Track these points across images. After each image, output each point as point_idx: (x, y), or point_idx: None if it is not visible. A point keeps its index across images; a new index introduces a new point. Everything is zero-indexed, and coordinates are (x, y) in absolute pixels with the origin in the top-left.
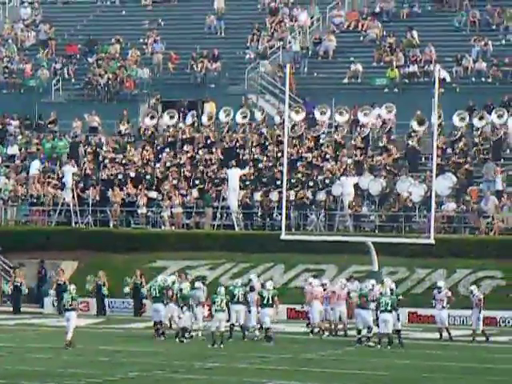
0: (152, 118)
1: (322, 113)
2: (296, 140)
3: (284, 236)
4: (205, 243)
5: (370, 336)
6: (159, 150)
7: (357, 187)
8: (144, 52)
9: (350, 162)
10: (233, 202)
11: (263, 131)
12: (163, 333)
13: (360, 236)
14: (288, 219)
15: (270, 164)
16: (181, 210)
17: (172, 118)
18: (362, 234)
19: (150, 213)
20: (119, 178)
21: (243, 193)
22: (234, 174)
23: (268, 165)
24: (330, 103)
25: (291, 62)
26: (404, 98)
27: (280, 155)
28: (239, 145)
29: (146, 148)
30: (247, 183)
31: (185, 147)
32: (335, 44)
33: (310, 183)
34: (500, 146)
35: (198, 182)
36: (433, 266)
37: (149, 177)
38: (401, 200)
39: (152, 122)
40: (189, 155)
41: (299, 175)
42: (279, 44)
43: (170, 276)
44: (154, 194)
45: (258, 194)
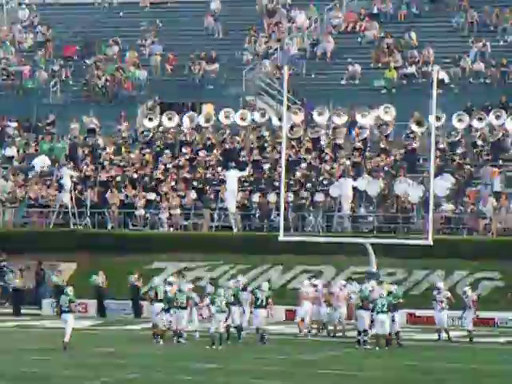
0: (150, 120)
1: (320, 114)
2: (294, 141)
3: (282, 237)
4: (203, 245)
5: (367, 339)
6: (157, 151)
7: (355, 188)
8: (142, 53)
9: (348, 164)
10: (231, 204)
11: (262, 133)
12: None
13: (358, 237)
14: (286, 220)
15: (269, 166)
16: (179, 212)
17: (170, 119)
18: (360, 235)
19: (148, 214)
20: (117, 179)
21: (241, 194)
22: (233, 175)
23: (266, 166)
24: (328, 104)
25: (289, 64)
26: (402, 99)
27: (278, 157)
28: (238, 147)
29: (144, 150)
30: (245, 185)
31: (183, 149)
32: (333, 45)
33: (309, 185)
34: (498, 147)
35: (196, 184)
36: (431, 267)
37: (147, 178)
38: (399, 201)
39: (150, 124)
40: (187, 157)
41: (297, 176)
42: (277, 45)
43: (170, 277)
44: (152, 196)
45: (257, 196)
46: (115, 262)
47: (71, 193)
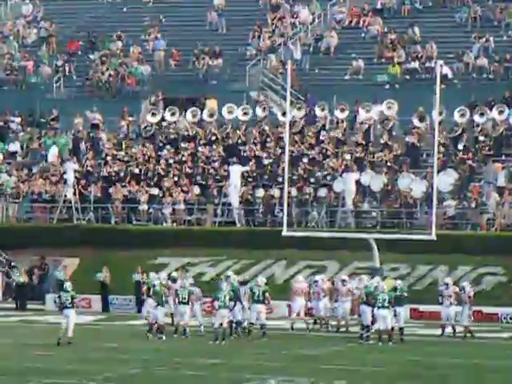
0: (153, 115)
1: (322, 109)
2: (297, 136)
3: (286, 232)
4: (206, 240)
5: (369, 335)
6: (160, 146)
7: (358, 183)
8: (145, 49)
9: (351, 159)
10: (234, 199)
11: (265, 128)
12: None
13: (361, 232)
14: (289, 216)
15: (271, 160)
16: (182, 207)
17: (173, 114)
18: (364, 230)
19: (151, 210)
20: (121, 174)
21: (245, 189)
22: (236, 170)
23: (269, 161)
24: (332, 100)
25: (292, 59)
26: (405, 95)
27: (281, 152)
28: (241, 141)
29: (147, 145)
30: (249, 180)
31: (186, 144)
32: (336, 40)
33: (312, 180)
34: (501, 142)
35: (199, 179)
36: (434, 263)
37: (150, 173)
38: (402, 196)
39: (153, 119)
40: (190, 152)
41: (300, 171)
42: (280, 40)
43: (173, 273)
44: (156, 191)
45: (260, 191)
46: (118, 257)
47: (75, 188)
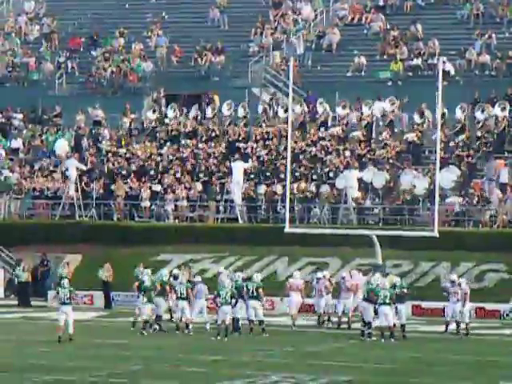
0: (155, 112)
1: (324, 106)
2: (299, 133)
3: (288, 229)
4: (209, 236)
5: (371, 331)
6: (162, 143)
7: (360, 180)
8: (148, 45)
9: (353, 155)
10: (236, 195)
11: (267, 124)
12: (161, 328)
13: (364, 229)
14: (292, 212)
15: (273, 157)
16: (185, 204)
17: (175, 111)
18: (366, 227)
19: (153, 206)
20: (123, 171)
21: (247, 186)
22: (238, 167)
23: (271, 158)
24: (334, 96)
25: (295, 55)
26: (408, 91)
27: (283, 148)
28: (242, 138)
29: (149, 141)
30: (251, 176)
31: (188, 141)
32: (339, 37)
33: (314, 176)
34: (503, 138)
35: (201, 176)
36: (437, 259)
37: (152, 170)
38: (404, 193)
39: (155, 116)
40: (192, 148)
41: (302, 168)
42: (283, 37)
43: (175, 270)
44: (158, 188)
45: (262, 187)
46: (121, 253)
47: (77, 185)
